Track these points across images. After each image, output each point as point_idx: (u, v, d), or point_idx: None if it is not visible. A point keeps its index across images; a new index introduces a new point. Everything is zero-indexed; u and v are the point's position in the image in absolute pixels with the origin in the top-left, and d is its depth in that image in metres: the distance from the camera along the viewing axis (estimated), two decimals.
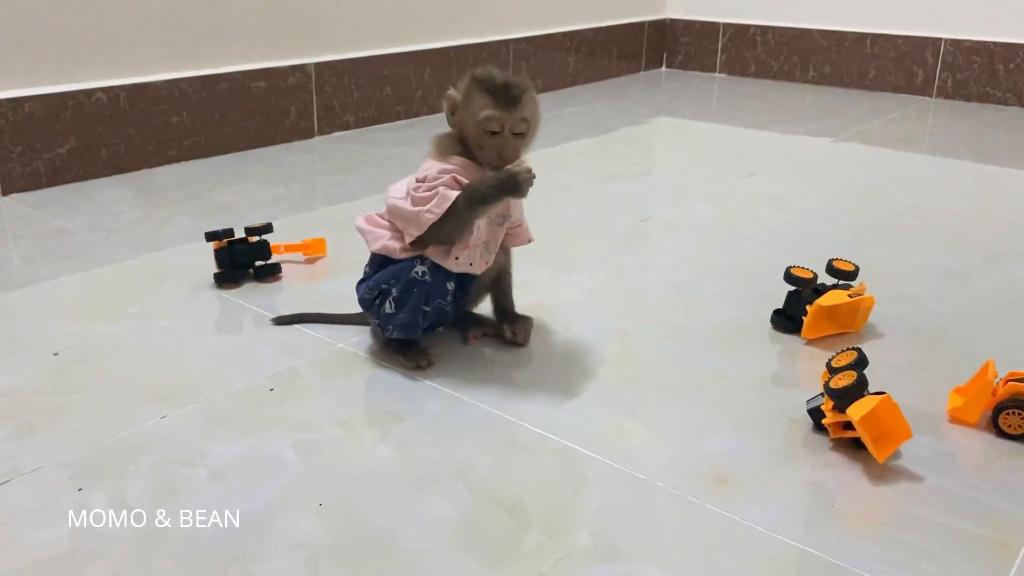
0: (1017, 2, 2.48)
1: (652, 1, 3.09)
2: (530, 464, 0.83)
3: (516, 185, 0.95)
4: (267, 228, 1.26)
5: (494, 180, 0.95)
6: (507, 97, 0.95)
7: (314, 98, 2.07)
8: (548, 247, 1.40)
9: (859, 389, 0.83)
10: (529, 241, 1.09)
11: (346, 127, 2.16)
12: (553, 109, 2.49)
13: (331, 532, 0.73)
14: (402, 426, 0.89)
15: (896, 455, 0.84)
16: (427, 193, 0.95)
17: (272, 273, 1.26)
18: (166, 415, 0.90)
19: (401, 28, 2.25)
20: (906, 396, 0.95)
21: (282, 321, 1.12)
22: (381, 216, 1.03)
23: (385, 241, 1.00)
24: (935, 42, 2.62)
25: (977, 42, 2.56)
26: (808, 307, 1.07)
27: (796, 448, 0.86)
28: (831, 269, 1.11)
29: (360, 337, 1.08)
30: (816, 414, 0.87)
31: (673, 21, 3.12)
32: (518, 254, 1.39)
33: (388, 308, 0.99)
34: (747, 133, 2.25)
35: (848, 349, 0.90)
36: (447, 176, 0.96)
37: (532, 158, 2.08)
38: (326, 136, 2.11)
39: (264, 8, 1.94)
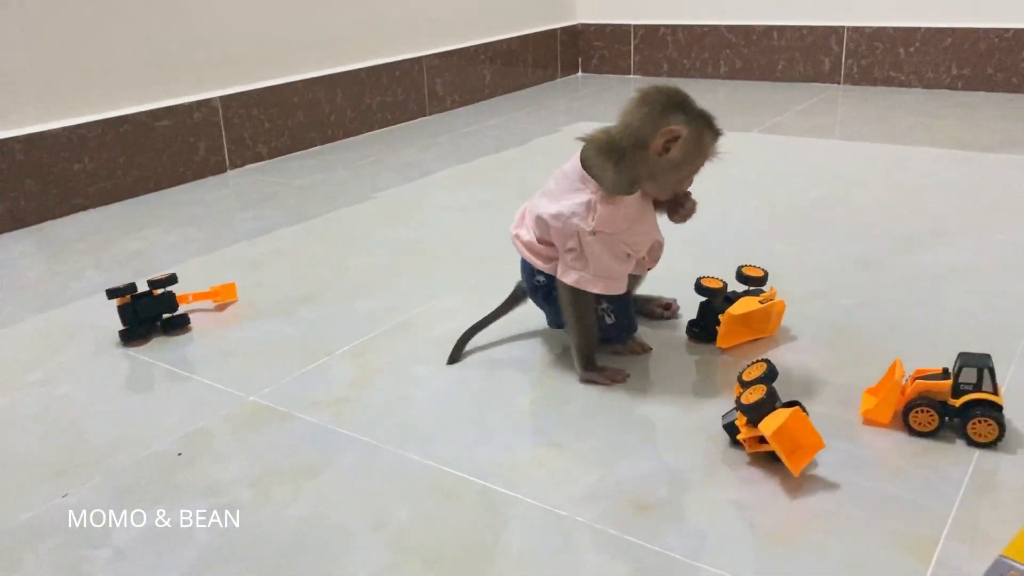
0: None
1: (562, 7, 3.10)
2: (449, 510, 0.81)
3: (585, 374, 1.04)
4: (171, 279, 1.22)
5: (582, 351, 1.04)
6: (721, 134, 0.97)
7: (223, 132, 2.03)
8: (467, 270, 1.39)
9: (769, 403, 0.83)
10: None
11: (259, 158, 2.12)
12: (470, 123, 2.48)
13: None
14: (316, 481, 0.86)
15: (812, 464, 0.84)
16: (618, 252, 0.99)
17: (181, 325, 1.22)
18: (67, 493, 0.86)
19: (308, 54, 2.21)
20: (821, 400, 0.96)
21: (455, 359, 1.09)
22: (542, 244, 1.03)
23: (579, 274, 1.00)
24: (838, 30, 2.68)
25: (877, 28, 2.62)
26: (721, 316, 1.07)
27: (715, 465, 0.86)
28: (740, 276, 1.12)
29: (273, 387, 1.05)
30: (731, 429, 0.87)
31: (585, 26, 3.13)
32: (433, 275, 1.38)
33: (608, 319, 1.05)
34: None
35: (758, 361, 0.91)
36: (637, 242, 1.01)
37: (449, 175, 2.06)
38: (239, 169, 2.07)
39: (162, 46, 1.89)
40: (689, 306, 1.17)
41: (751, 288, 1.12)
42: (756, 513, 0.79)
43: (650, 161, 0.94)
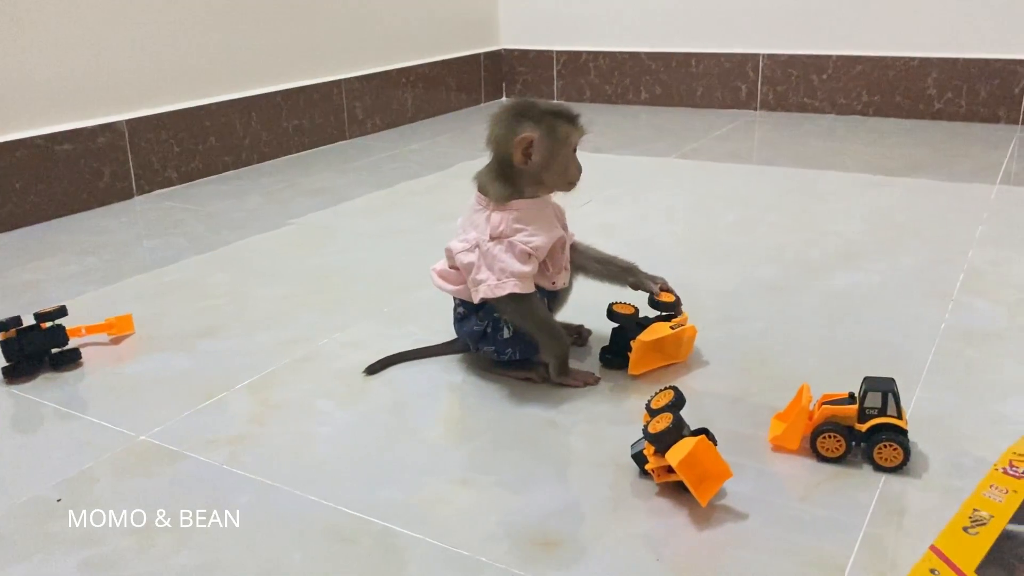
0: (822, 16, 2.63)
1: (486, 33, 3.10)
2: (346, 555, 0.77)
3: (559, 378, 1.05)
4: (61, 312, 1.15)
5: (562, 340, 1.05)
6: (577, 116, 1.04)
7: (129, 156, 1.95)
8: (381, 297, 1.35)
9: (676, 432, 0.81)
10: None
11: (169, 183, 2.04)
12: (391, 147, 2.44)
13: None
14: (205, 527, 0.81)
15: (721, 494, 0.83)
16: (518, 254, 1.00)
17: (71, 360, 1.15)
18: None
19: (221, 76, 2.15)
20: (730, 426, 0.95)
21: (374, 370, 1.10)
22: (452, 268, 1.07)
23: (485, 284, 1.01)
24: (754, 58, 2.74)
25: (792, 55, 2.69)
26: (632, 343, 1.06)
27: (624, 497, 0.84)
28: (652, 301, 1.11)
29: (166, 426, 0.99)
30: (640, 459, 0.86)
31: (508, 51, 3.14)
32: (343, 305, 1.35)
33: (505, 333, 1.04)
34: (584, 158, 2.26)
35: (666, 388, 0.89)
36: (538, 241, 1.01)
37: (367, 201, 2.03)
38: (147, 195, 1.99)
39: (62, 66, 1.81)
40: (601, 332, 1.15)
41: (663, 313, 1.11)
42: (664, 546, 0.77)
43: (524, 169, 1.01)
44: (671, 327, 1.07)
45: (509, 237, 1.01)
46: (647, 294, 1.12)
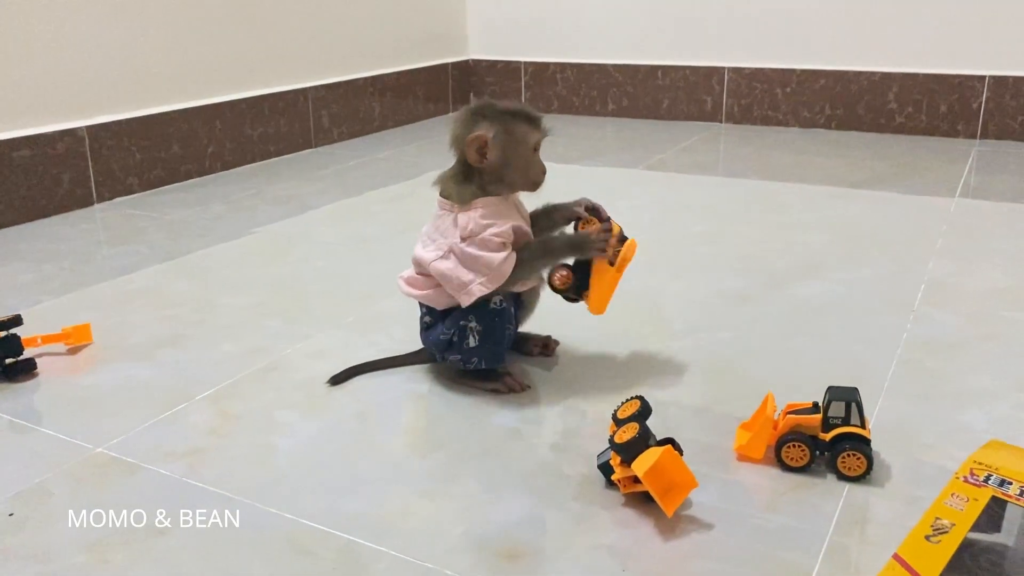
0: (786, 31, 2.66)
1: (454, 43, 3.10)
2: (309, 568, 0.76)
3: (588, 244, 1.04)
4: (15, 321, 1.12)
5: (568, 240, 1.05)
6: (538, 118, 1.04)
7: (90, 163, 1.91)
8: (345, 307, 1.34)
9: (642, 442, 0.81)
10: None
11: (130, 191, 2.01)
12: (359, 156, 2.43)
13: None
14: (163, 541, 0.79)
15: (687, 504, 0.83)
16: (492, 246, 1.00)
17: (26, 371, 1.12)
18: None
19: (184, 82, 2.12)
20: (696, 436, 0.95)
21: (338, 380, 1.08)
22: (420, 275, 1.06)
23: (473, 284, 1.01)
24: (719, 71, 2.76)
25: (756, 69, 2.72)
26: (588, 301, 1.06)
27: (590, 507, 0.84)
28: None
29: (124, 437, 0.97)
30: (606, 469, 0.85)
31: (476, 62, 3.14)
32: (306, 315, 1.34)
33: (471, 342, 1.03)
34: (552, 168, 2.27)
35: (631, 398, 0.89)
36: (503, 228, 1.00)
37: (333, 209, 2.01)
38: (108, 202, 1.95)
39: (20, 70, 1.77)
40: (569, 344, 1.15)
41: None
42: (629, 558, 0.76)
43: (484, 169, 1.01)
44: (610, 262, 1.04)
45: (479, 234, 1.00)
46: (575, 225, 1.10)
